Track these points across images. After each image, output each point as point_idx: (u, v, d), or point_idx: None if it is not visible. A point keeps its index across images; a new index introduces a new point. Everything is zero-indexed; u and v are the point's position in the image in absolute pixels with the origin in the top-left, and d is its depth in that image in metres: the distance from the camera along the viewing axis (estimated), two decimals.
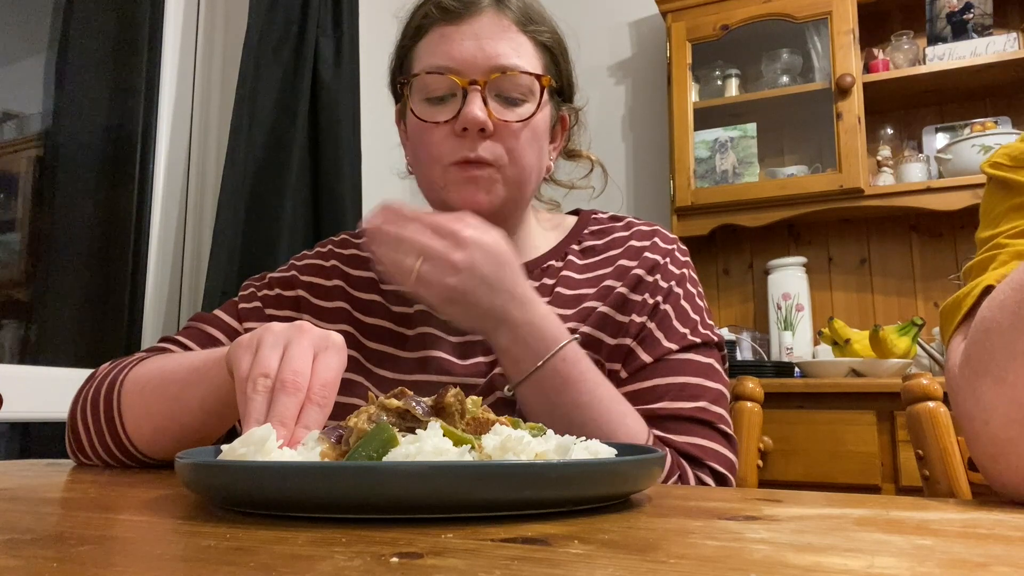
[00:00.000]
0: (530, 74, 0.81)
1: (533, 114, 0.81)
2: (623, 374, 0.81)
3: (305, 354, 0.56)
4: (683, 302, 0.85)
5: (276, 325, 0.59)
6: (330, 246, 0.94)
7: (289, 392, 0.53)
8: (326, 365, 0.56)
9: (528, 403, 0.73)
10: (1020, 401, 0.51)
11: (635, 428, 0.74)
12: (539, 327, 0.71)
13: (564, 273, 0.87)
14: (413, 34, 0.84)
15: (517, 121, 0.80)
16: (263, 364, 0.55)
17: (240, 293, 0.90)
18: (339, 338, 0.60)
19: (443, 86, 0.79)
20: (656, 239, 0.88)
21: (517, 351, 0.72)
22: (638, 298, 0.83)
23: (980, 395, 0.54)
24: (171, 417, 0.70)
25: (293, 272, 0.91)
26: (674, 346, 0.82)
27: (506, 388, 0.76)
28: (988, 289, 0.61)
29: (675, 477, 0.75)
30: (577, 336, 0.74)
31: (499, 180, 0.80)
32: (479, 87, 0.78)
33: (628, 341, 0.82)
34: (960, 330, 0.63)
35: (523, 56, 0.82)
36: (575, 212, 0.96)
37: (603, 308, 0.82)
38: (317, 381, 0.55)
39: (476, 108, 0.77)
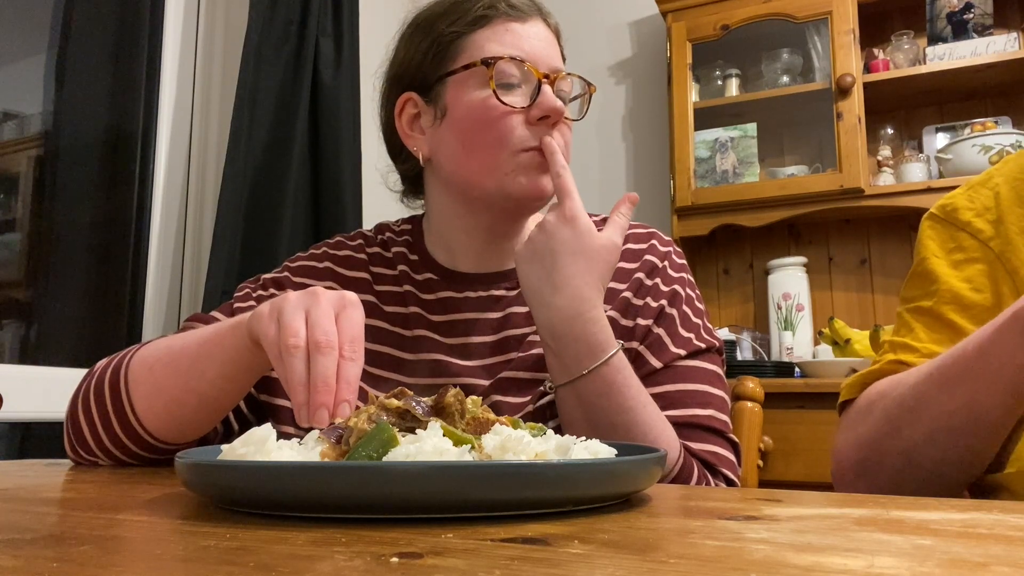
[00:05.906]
0: (585, 80, 0.86)
1: (584, 114, 0.87)
2: None
3: (328, 314, 0.59)
4: (685, 306, 0.85)
5: (291, 293, 0.62)
6: (324, 248, 0.95)
7: (324, 352, 0.56)
8: (350, 321, 0.59)
9: (567, 404, 0.74)
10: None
11: (671, 435, 0.75)
12: (586, 338, 0.72)
13: None
14: (472, 22, 0.83)
15: (574, 119, 0.86)
16: (291, 329, 0.58)
17: (235, 294, 0.91)
18: (353, 295, 0.63)
19: (517, 75, 0.81)
20: (654, 241, 0.89)
21: (561, 357, 0.73)
22: (640, 302, 0.84)
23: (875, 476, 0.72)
24: (187, 389, 0.71)
25: (286, 273, 0.91)
26: (681, 351, 0.82)
27: (547, 384, 0.76)
28: (847, 402, 0.77)
29: (702, 486, 0.75)
30: (623, 343, 0.75)
31: None
32: (550, 81, 0.82)
33: (635, 344, 0.82)
34: (846, 412, 0.78)
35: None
36: None
37: (611, 312, 0.82)
38: (346, 338, 0.58)
39: (557, 98, 0.81)
